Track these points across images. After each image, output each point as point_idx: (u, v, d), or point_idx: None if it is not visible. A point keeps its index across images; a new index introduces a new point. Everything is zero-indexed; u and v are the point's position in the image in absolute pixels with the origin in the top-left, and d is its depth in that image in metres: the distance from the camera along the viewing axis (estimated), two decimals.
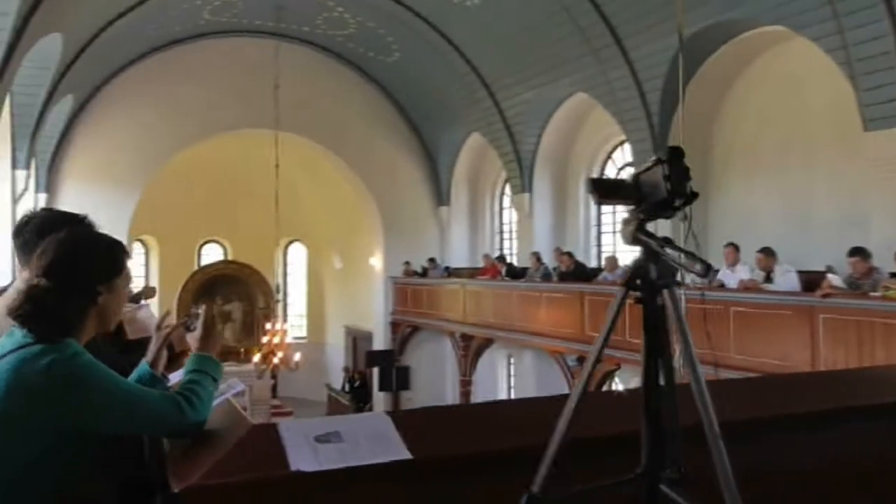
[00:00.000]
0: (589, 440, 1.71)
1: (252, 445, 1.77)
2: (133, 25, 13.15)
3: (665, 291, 1.63)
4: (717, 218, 11.99)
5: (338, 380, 20.54)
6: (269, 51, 15.54)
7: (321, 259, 22.67)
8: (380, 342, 18.68)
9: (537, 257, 13.55)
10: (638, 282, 1.66)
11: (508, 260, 15.59)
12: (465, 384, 15.36)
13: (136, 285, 17.69)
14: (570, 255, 12.39)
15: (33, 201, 14.25)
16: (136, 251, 21.08)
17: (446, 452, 1.80)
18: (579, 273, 12.13)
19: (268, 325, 15.27)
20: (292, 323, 23.28)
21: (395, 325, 18.30)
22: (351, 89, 17.61)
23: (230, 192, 20.80)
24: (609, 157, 14.74)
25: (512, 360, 17.26)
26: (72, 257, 1.99)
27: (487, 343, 15.24)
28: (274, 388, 19.55)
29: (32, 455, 1.82)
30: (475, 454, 1.77)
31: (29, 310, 1.87)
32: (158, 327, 2.36)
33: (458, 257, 18.43)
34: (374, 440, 1.82)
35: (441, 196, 18.62)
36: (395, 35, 15.42)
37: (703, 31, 10.47)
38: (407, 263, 17.99)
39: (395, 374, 17.91)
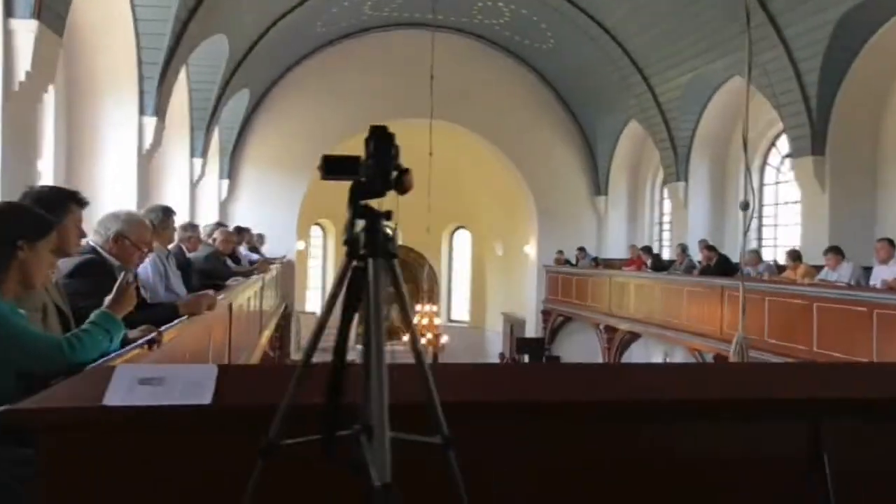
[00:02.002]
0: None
1: (88, 382, 2.06)
2: (300, 24, 14.24)
3: (370, 261, 1.69)
4: (887, 210, 10.81)
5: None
6: (427, 41, 16.08)
7: (484, 246, 23.11)
8: (532, 330, 18.77)
9: (683, 249, 12.96)
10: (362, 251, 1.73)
11: (658, 252, 15.03)
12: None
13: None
14: (712, 248, 11.72)
15: (217, 186, 15.95)
16: (315, 234, 22.78)
17: (244, 402, 1.98)
18: (722, 268, 11.43)
19: (416, 308, 15.97)
20: (456, 307, 24.06)
21: (546, 314, 18.30)
22: (507, 77, 17.77)
23: None
24: (773, 144, 13.71)
25: (668, 358, 16.64)
26: None
27: (633, 337, 14.80)
28: None
29: None
30: (266, 406, 1.92)
31: None
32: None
33: (616, 247, 18.01)
34: (190, 386, 2.03)
35: (599, 185, 18.27)
36: (549, 22, 15.35)
37: None
38: (560, 252, 17.89)
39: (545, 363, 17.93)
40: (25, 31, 5.58)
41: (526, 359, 18.40)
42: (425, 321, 15.68)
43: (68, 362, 2.26)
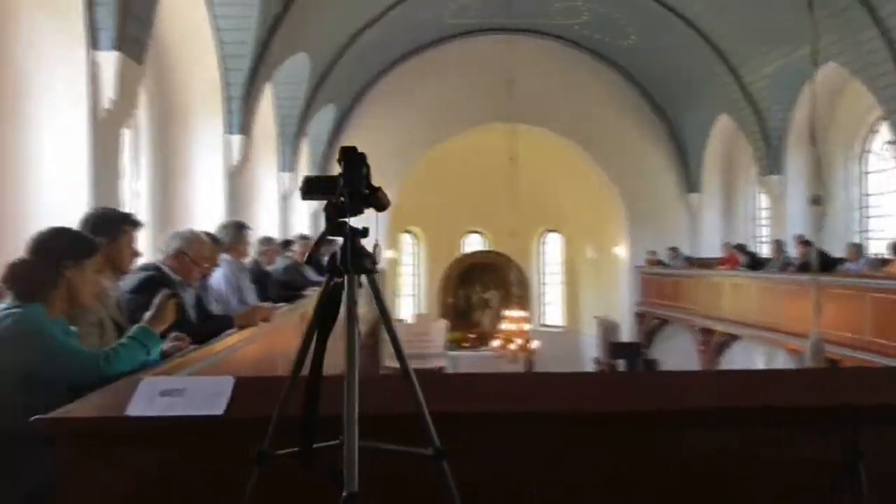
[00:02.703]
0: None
1: (116, 393, 2.19)
2: (381, 38, 14.50)
3: (345, 277, 1.72)
4: None
5: (591, 369, 20.54)
6: (505, 46, 16.06)
7: (576, 248, 22.79)
8: (626, 334, 18.36)
9: (779, 245, 12.36)
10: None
11: (756, 249, 14.42)
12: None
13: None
14: (808, 243, 11.10)
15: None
16: (406, 241, 23.10)
17: (255, 413, 2.05)
18: (820, 263, 10.81)
19: (505, 313, 15.93)
20: (550, 312, 23.82)
21: (640, 317, 17.86)
22: (588, 76, 17.50)
23: (488, 185, 21.75)
24: (873, 129, 12.91)
25: (768, 360, 15.92)
26: (46, 240, 2.60)
27: (730, 339, 14.22)
28: None
29: (10, 385, 2.40)
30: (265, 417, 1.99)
31: (6, 277, 2.49)
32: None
33: (711, 246, 17.36)
34: (207, 398, 2.12)
35: (690, 182, 17.70)
36: (630, 18, 15.03)
37: None
38: (652, 253, 17.41)
39: (642, 368, 17.49)
40: (108, 62, 5.97)
41: (621, 364, 18.02)
42: (514, 326, 15.59)
43: (105, 374, 2.40)
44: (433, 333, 17.72)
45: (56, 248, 2.57)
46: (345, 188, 1.71)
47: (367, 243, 1.93)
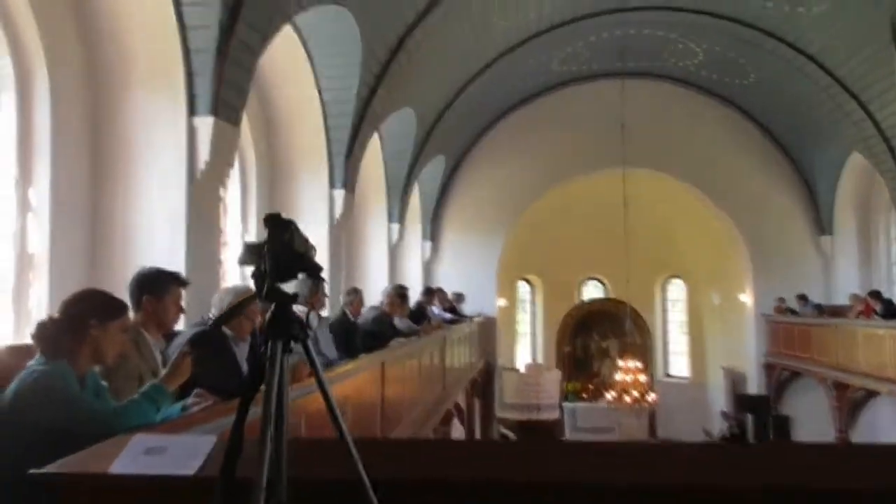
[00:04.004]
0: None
1: (110, 448, 2.28)
2: (488, 88, 14.69)
3: (270, 342, 1.71)
4: None
5: (717, 423, 19.40)
6: (617, 90, 15.85)
7: (700, 295, 21.77)
8: (754, 386, 17.23)
9: None
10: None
11: (892, 296, 13.22)
12: (841, 441, 13.27)
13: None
14: None
15: (420, 249, 16.75)
16: (523, 288, 22.94)
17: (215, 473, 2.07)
18: None
19: (620, 363, 15.39)
20: (675, 362, 22.79)
21: (769, 368, 16.72)
22: (706, 117, 16.91)
23: (606, 231, 21.30)
24: None
25: None
26: (74, 301, 2.77)
27: (868, 395, 13.03)
28: (652, 428, 19.42)
29: (34, 439, 2.57)
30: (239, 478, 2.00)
31: (35, 335, 2.68)
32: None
33: (846, 293, 16.07)
34: (185, 457, 2.17)
35: (822, 224, 16.57)
36: (747, 56, 14.44)
37: None
38: (781, 300, 16.36)
39: (772, 424, 16.33)
40: (205, 126, 6.41)
41: (749, 419, 16.88)
42: (629, 378, 15.01)
43: (115, 428, 2.51)
44: (546, 384, 17.38)
45: (83, 308, 2.74)
46: (268, 255, 1.72)
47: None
